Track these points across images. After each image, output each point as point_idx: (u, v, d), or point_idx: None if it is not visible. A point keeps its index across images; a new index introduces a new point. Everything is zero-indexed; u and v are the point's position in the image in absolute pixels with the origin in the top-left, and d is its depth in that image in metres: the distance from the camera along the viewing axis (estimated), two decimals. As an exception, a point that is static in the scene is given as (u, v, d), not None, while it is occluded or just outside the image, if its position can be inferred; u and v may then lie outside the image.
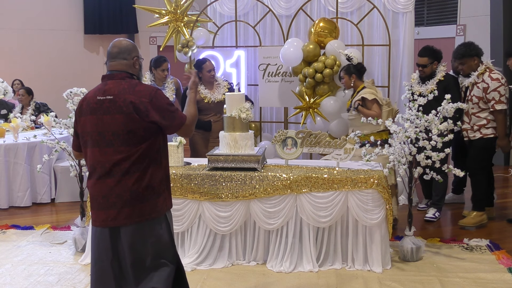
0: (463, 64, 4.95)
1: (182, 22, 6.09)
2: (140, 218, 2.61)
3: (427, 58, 5.00)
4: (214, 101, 5.29)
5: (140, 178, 2.60)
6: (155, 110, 2.58)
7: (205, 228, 4.13)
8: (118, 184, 2.58)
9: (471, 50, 4.91)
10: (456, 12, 8.81)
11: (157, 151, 2.67)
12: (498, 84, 4.78)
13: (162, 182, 2.70)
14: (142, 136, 2.58)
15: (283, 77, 5.89)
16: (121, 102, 2.56)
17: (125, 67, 2.70)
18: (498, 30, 7.72)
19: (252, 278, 3.91)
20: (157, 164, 2.67)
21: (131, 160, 2.57)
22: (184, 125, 2.72)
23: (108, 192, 2.59)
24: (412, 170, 4.16)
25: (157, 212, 2.66)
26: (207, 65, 5.33)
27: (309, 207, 3.98)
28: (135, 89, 2.59)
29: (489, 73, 4.84)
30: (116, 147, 2.57)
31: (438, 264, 4.14)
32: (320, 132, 4.29)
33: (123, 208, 2.58)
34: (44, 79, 9.78)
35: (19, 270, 4.14)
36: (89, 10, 10.43)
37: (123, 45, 2.73)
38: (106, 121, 2.58)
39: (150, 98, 2.58)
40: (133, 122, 2.56)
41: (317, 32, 5.65)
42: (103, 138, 2.59)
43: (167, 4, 6.12)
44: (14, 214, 5.76)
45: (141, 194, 2.60)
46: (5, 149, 5.90)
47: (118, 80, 2.65)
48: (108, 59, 2.74)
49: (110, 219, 2.60)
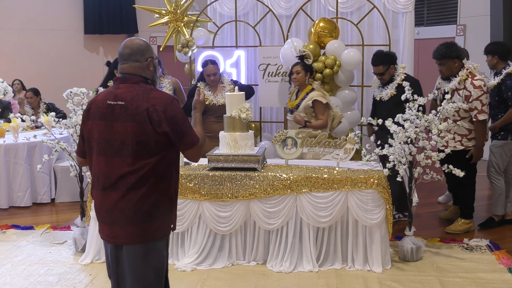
0: (442, 65, 4.72)
1: (182, 22, 6.09)
2: (143, 238, 2.41)
3: (381, 66, 4.83)
4: (216, 103, 5.21)
5: (146, 194, 2.39)
6: (168, 121, 2.37)
7: (205, 228, 4.13)
8: (122, 199, 2.38)
9: (452, 52, 4.66)
10: (456, 12, 8.81)
11: (168, 166, 2.47)
12: (480, 93, 4.58)
13: (170, 201, 2.51)
14: (152, 149, 2.38)
15: (283, 77, 5.88)
16: (134, 109, 2.36)
17: (138, 70, 2.48)
18: (498, 30, 7.72)
19: (252, 278, 3.91)
20: (167, 180, 2.47)
21: (139, 174, 2.36)
22: (195, 146, 2.50)
23: (112, 206, 2.40)
24: (412, 170, 4.16)
25: (161, 233, 2.48)
26: (207, 69, 5.19)
27: (309, 207, 3.98)
28: (149, 95, 2.39)
29: (471, 80, 4.61)
30: (124, 158, 2.37)
31: (438, 264, 4.14)
32: (320, 132, 4.29)
33: (126, 226, 2.39)
34: (44, 79, 9.77)
35: (19, 270, 4.14)
36: (89, 10, 10.43)
37: (135, 45, 2.50)
38: (116, 129, 2.38)
39: (165, 107, 2.37)
40: (144, 132, 2.35)
41: (317, 32, 5.65)
42: (111, 146, 2.39)
43: (167, 4, 6.12)
44: (14, 214, 5.76)
45: (146, 212, 2.40)
46: (5, 149, 5.91)
47: (132, 84, 2.44)
48: (120, 60, 2.52)
49: (112, 236, 2.44)
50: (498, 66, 4.92)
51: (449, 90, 4.71)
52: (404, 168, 4.11)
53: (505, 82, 4.81)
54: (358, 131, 4.28)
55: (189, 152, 2.51)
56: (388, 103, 4.84)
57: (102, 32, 10.50)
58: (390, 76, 4.89)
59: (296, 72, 4.85)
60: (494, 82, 4.88)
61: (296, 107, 4.85)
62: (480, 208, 5.52)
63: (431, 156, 4.08)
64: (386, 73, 4.85)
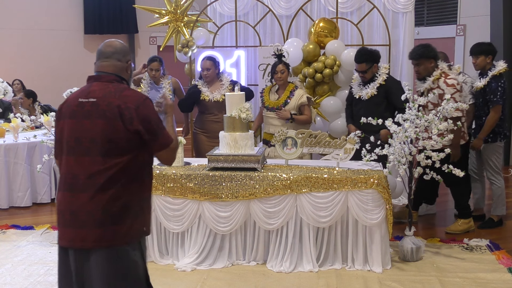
0: (419, 65, 4.69)
1: (182, 22, 6.09)
2: (111, 242, 2.29)
3: (364, 63, 4.75)
4: (212, 99, 5.25)
5: (116, 195, 2.29)
6: (140, 119, 2.31)
7: (205, 228, 4.13)
8: (91, 201, 2.27)
9: (429, 52, 4.66)
10: (456, 12, 8.82)
11: (140, 167, 2.39)
12: (453, 91, 4.53)
13: (142, 203, 2.41)
14: (123, 148, 2.30)
15: (283, 77, 5.88)
16: (105, 106, 2.30)
17: (117, 70, 2.45)
18: (498, 30, 7.72)
19: (252, 278, 3.91)
20: (139, 182, 2.38)
21: (108, 174, 2.28)
22: (168, 148, 2.41)
23: (78, 208, 2.29)
24: (412, 170, 4.16)
25: (132, 237, 2.35)
26: (202, 64, 5.31)
27: (309, 207, 3.98)
28: (122, 93, 2.35)
29: (444, 79, 4.61)
30: (93, 157, 2.29)
31: (438, 264, 4.14)
32: (320, 132, 4.29)
33: (93, 228, 2.27)
34: (44, 79, 9.78)
35: (19, 270, 4.14)
36: (89, 10, 10.44)
37: (118, 45, 2.50)
38: (85, 126, 2.32)
39: (137, 105, 2.32)
40: (115, 130, 2.29)
41: (317, 32, 5.65)
42: (80, 145, 2.32)
43: (167, 4, 6.12)
44: (14, 214, 5.76)
45: (115, 215, 2.30)
46: (5, 149, 5.90)
47: (105, 82, 2.40)
48: (99, 58, 2.48)
49: (78, 240, 2.30)
50: (487, 66, 4.89)
51: (424, 90, 4.72)
52: (404, 168, 4.11)
53: (490, 84, 4.79)
54: (358, 131, 4.27)
55: (163, 153, 2.43)
56: (368, 103, 4.80)
57: (102, 32, 10.51)
58: (372, 75, 4.83)
59: (281, 72, 4.91)
60: (480, 84, 4.85)
61: (283, 105, 4.90)
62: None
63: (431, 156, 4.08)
64: (368, 71, 4.78)
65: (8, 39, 9.88)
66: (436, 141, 4.05)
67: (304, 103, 4.88)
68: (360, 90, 4.89)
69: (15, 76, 8.79)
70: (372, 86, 4.80)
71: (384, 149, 4.19)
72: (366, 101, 4.81)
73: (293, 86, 4.98)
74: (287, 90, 4.95)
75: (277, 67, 4.92)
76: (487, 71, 4.88)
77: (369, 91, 4.80)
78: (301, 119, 4.89)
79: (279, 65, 4.92)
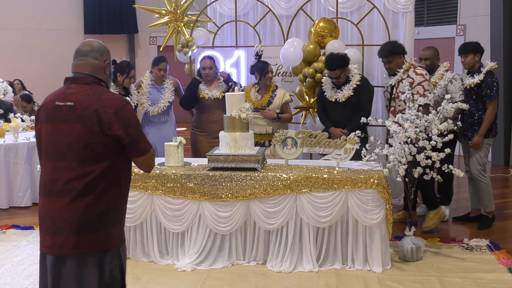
0: (390, 62, 4.79)
1: (182, 22, 6.09)
2: (89, 249, 2.25)
3: (338, 70, 4.76)
4: (211, 97, 5.28)
5: (93, 202, 2.24)
6: (119, 124, 2.24)
7: (205, 228, 4.13)
8: (68, 207, 2.23)
9: (398, 48, 4.79)
10: (456, 12, 8.81)
11: (118, 174, 2.33)
12: (422, 79, 4.68)
13: (119, 210, 2.37)
14: (100, 153, 2.24)
15: (283, 77, 5.89)
16: (82, 110, 2.23)
17: (94, 70, 2.36)
18: (498, 30, 7.72)
19: (252, 278, 3.91)
20: (116, 189, 2.32)
21: (85, 180, 2.22)
22: (147, 155, 2.37)
23: (57, 214, 2.25)
24: (412, 170, 4.16)
25: (110, 244, 2.30)
26: (203, 63, 5.33)
27: (309, 207, 3.98)
28: (100, 96, 2.26)
29: (413, 69, 4.75)
30: (70, 162, 2.24)
31: (438, 264, 4.14)
32: (320, 132, 4.29)
33: (70, 235, 2.23)
34: (44, 79, 9.77)
35: (19, 270, 4.14)
36: (89, 10, 10.44)
37: (96, 44, 2.41)
38: (62, 131, 2.25)
39: (116, 110, 2.24)
40: (92, 135, 2.22)
41: (317, 32, 5.65)
42: (57, 150, 2.26)
43: (167, 4, 6.11)
44: (14, 214, 5.76)
45: (93, 222, 2.25)
46: (5, 149, 5.91)
47: (83, 85, 2.32)
48: (75, 57, 2.38)
49: (56, 247, 2.26)
50: (476, 65, 4.91)
51: (395, 82, 4.81)
52: (404, 168, 4.11)
53: (485, 80, 4.81)
54: (358, 131, 4.27)
55: (141, 160, 2.37)
56: (345, 105, 4.83)
57: (102, 32, 10.51)
58: (345, 79, 4.87)
59: (271, 72, 5.09)
60: (475, 80, 4.84)
61: (267, 105, 5.03)
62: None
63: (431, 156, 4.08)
64: (342, 76, 4.82)
65: (8, 39, 9.88)
66: (436, 141, 4.05)
67: (288, 101, 5.10)
68: (335, 93, 4.89)
69: (15, 76, 8.80)
70: (347, 87, 4.84)
71: (384, 149, 4.20)
72: (342, 103, 4.84)
73: (274, 85, 5.15)
74: (269, 90, 5.10)
75: (268, 67, 5.05)
76: (477, 69, 4.90)
77: (346, 93, 4.83)
78: (285, 117, 5.10)
79: (268, 66, 5.08)
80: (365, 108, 4.82)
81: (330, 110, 4.94)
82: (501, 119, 7.75)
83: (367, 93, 4.84)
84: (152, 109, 5.35)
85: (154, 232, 4.20)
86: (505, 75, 7.65)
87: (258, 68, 5.09)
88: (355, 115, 4.76)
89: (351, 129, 4.66)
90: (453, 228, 5.10)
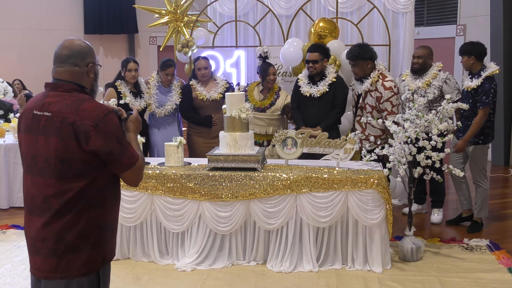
0: (355, 66, 4.73)
1: (182, 22, 6.09)
2: (66, 273, 2.07)
3: (318, 53, 4.80)
4: (209, 98, 5.24)
5: (72, 223, 2.05)
6: (99, 138, 2.01)
7: (205, 228, 4.13)
8: (45, 227, 2.05)
9: (365, 53, 4.67)
10: (456, 12, 8.81)
11: (101, 191, 2.11)
12: (391, 94, 4.62)
13: (103, 231, 2.14)
14: (79, 170, 2.04)
15: (283, 77, 5.89)
16: (59, 123, 2.02)
17: (75, 77, 2.13)
18: (498, 30, 7.72)
19: (252, 278, 3.91)
20: (99, 207, 2.11)
21: (63, 198, 2.03)
22: (134, 167, 2.13)
23: (35, 234, 2.09)
24: (412, 170, 4.16)
25: (89, 268, 2.10)
26: (198, 63, 5.28)
27: (309, 207, 3.98)
28: (79, 107, 2.03)
29: (382, 81, 4.66)
30: (47, 179, 2.05)
31: (438, 264, 4.14)
32: (320, 132, 4.29)
33: (47, 257, 2.07)
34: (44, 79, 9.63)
35: (19, 270, 4.14)
36: (89, 10, 10.43)
37: (75, 46, 2.15)
38: (40, 144, 2.05)
39: (95, 122, 2.01)
40: (69, 150, 2.02)
41: (317, 32, 5.65)
42: (35, 164, 2.08)
43: (167, 4, 6.12)
44: (14, 214, 5.76)
45: (70, 244, 2.05)
46: (5, 149, 5.91)
47: (62, 92, 2.09)
48: (54, 63, 2.16)
49: (35, 268, 2.12)
50: (474, 67, 4.78)
51: (362, 92, 4.77)
52: (404, 168, 4.11)
53: (483, 85, 4.68)
54: (358, 131, 4.27)
55: (127, 174, 2.14)
56: (319, 100, 4.84)
57: (102, 32, 10.50)
58: (321, 69, 4.86)
59: (273, 74, 5.11)
60: (472, 85, 4.73)
61: (269, 105, 5.10)
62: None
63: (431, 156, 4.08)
64: (320, 62, 4.82)
65: (8, 39, 9.88)
66: (436, 141, 4.05)
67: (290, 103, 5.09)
68: (310, 88, 4.89)
69: (15, 76, 8.79)
70: (323, 83, 4.85)
71: (384, 149, 4.20)
72: (317, 99, 4.85)
73: (277, 86, 5.19)
74: (272, 90, 5.14)
75: (269, 69, 5.07)
76: (478, 71, 4.76)
77: (321, 88, 4.84)
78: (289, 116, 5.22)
79: (271, 67, 5.10)
80: (339, 106, 4.86)
81: (304, 105, 4.95)
82: (501, 119, 7.76)
83: (342, 91, 4.86)
84: (159, 111, 5.32)
85: (154, 232, 4.20)
86: (505, 75, 7.65)
87: (260, 69, 5.14)
88: (330, 113, 4.83)
89: (325, 126, 4.75)
90: (453, 228, 5.09)
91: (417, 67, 4.98)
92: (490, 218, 5.25)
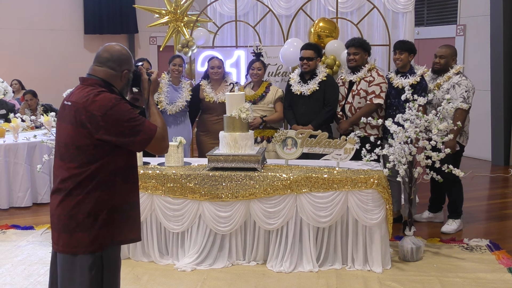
0: (357, 54, 4.84)
1: (182, 22, 6.09)
2: (76, 249, 2.25)
3: (312, 51, 4.91)
4: (217, 101, 5.21)
5: (81, 202, 2.24)
6: (109, 126, 2.20)
7: (205, 228, 4.14)
8: (60, 205, 2.27)
9: (367, 45, 4.91)
10: (456, 12, 8.81)
11: (112, 174, 2.28)
12: (382, 80, 4.80)
13: (110, 212, 2.29)
14: (92, 155, 2.23)
15: (283, 77, 5.89)
16: (73, 111, 2.23)
17: (108, 77, 2.33)
18: (498, 30, 7.72)
19: (252, 278, 3.91)
20: (108, 189, 2.28)
21: (76, 180, 2.23)
22: (154, 139, 2.30)
23: (53, 211, 2.32)
24: (412, 170, 4.16)
25: (95, 247, 2.26)
26: (212, 62, 5.28)
27: (309, 207, 3.98)
28: (94, 98, 2.22)
29: (376, 70, 4.88)
30: (66, 162, 2.26)
31: (438, 264, 4.14)
32: (320, 132, 4.29)
33: (61, 232, 2.28)
34: (44, 79, 9.78)
35: (19, 270, 4.14)
36: (89, 10, 10.44)
37: (116, 52, 2.35)
38: (62, 130, 2.30)
39: (104, 112, 2.19)
40: (81, 137, 2.22)
41: (317, 32, 5.65)
42: (59, 149, 2.31)
43: (167, 4, 6.12)
44: (14, 214, 5.76)
45: (80, 222, 2.25)
46: (5, 149, 5.90)
47: (86, 85, 2.30)
48: (94, 60, 2.36)
49: (53, 242, 2.34)
50: (409, 65, 4.83)
51: (357, 79, 4.86)
52: (404, 168, 4.11)
53: (421, 82, 4.70)
54: (358, 131, 4.27)
55: (150, 147, 2.32)
56: (309, 98, 4.90)
57: (102, 32, 10.51)
58: (314, 67, 4.95)
59: (258, 69, 5.13)
60: (411, 80, 4.67)
61: (259, 98, 5.11)
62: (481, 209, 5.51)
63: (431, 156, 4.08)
64: (313, 60, 4.92)
65: (8, 39, 9.88)
66: (436, 141, 4.05)
67: (281, 97, 5.13)
68: (301, 87, 4.97)
69: (15, 76, 8.80)
70: (313, 82, 4.93)
71: (384, 149, 4.20)
72: (307, 97, 4.92)
73: (268, 83, 5.22)
74: (262, 86, 5.17)
75: (253, 64, 5.13)
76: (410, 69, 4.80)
77: (311, 86, 4.92)
78: (274, 118, 5.13)
79: (256, 62, 5.14)
80: (331, 104, 4.91)
81: (295, 103, 5.01)
82: (501, 119, 7.75)
83: (333, 89, 4.93)
84: (170, 108, 5.30)
85: (154, 232, 4.20)
86: (505, 75, 7.64)
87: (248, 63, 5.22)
88: (321, 111, 4.90)
89: (317, 124, 4.83)
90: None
91: (438, 67, 4.79)
92: (490, 218, 5.25)
